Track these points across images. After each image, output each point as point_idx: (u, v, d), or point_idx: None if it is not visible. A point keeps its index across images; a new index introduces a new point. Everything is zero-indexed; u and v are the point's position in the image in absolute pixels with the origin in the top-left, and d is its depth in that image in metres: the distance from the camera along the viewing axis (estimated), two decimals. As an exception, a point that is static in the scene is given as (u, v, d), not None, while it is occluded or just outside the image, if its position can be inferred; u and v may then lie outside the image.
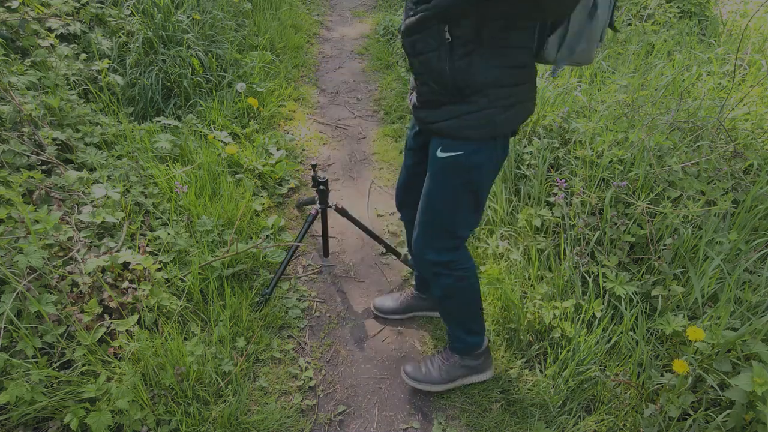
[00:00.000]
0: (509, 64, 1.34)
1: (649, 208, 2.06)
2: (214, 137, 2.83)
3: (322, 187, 2.17)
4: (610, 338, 1.87)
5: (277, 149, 3.05)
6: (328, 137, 3.49)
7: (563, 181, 2.21)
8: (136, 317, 1.77)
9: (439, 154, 1.47)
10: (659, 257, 1.97)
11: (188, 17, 3.29)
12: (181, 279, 2.03)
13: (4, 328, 1.50)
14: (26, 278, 1.63)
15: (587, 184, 2.25)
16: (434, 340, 2.09)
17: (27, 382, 1.48)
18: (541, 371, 1.89)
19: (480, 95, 1.35)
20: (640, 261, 2.08)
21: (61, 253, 1.83)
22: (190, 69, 3.17)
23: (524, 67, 1.38)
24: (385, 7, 5.63)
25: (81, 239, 1.91)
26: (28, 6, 2.76)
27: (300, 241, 2.22)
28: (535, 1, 1.11)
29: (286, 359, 1.97)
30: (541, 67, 2.84)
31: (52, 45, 2.71)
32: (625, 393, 1.77)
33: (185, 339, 1.88)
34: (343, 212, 2.31)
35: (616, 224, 2.07)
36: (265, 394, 1.84)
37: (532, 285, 2.11)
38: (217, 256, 2.13)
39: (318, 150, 3.34)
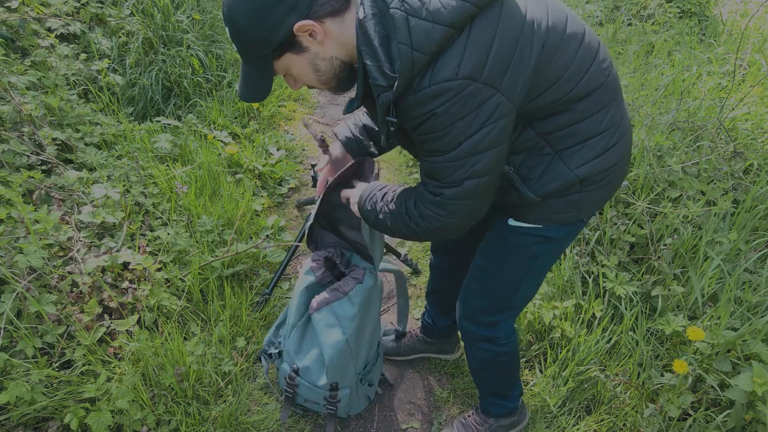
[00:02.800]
0: (590, 157, 1.13)
1: (649, 208, 2.06)
2: (214, 137, 2.83)
3: (322, 187, 2.16)
4: (610, 338, 1.87)
5: (277, 149, 3.05)
6: (328, 137, 3.48)
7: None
8: (136, 317, 1.77)
9: (511, 223, 1.26)
10: (659, 257, 1.97)
11: (188, 17, 3.29)
12: (181, 279, 2.03)
13: (4, 328, 1.50)
14: (26, 278, 1.63)
15: (587, 184, 2.25)
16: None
17: (27, 382, 1.48)
18: (541, 371, 1.89)
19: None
20: (640, 261, 2.08)
21: (61, 253, 1.83)
22: (190, 69, 3.17)
23: (611, 146, 1.14)
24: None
25: (81, 239, 1.91)
26: (28, 6, 2.75)
27: (300, 241, 2.22)
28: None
29: (286, 359, 1.97)
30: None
31: (52, 45, 2.71)
32: (625, 393, 1.77)
33: (185, 339, 1.88)
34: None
35: (616, 224, 2.07)
36: (265, 394, 1.83)
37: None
38: (217, 256, 2.13)
39: (318, 150, 3.34)
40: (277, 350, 1.68)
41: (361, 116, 1.48)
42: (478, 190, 1.04)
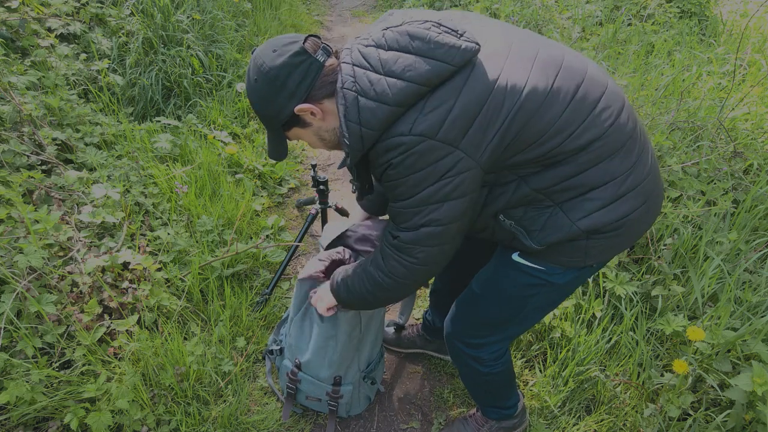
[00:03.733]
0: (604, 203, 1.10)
1: (649, 208, 2.06)
2: (214, 137, 2.83)
3: (322, 187, 2.17)
4: (610, 338, 1.87)
5: (277, 149, 3.04)
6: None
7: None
8: (136, 317, 1.77)
9: (515, 258, 1.23)
10: (659, 257, 1.97)
11: (188, 17, 3.29)
12: (181, 279, 2.03)
13: (4, 328, 1.50)
14: (26, 278, 1.63)
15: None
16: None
17: (27, 382, 1.48)
18: (541, 371, 1.89)
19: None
20: (640, 261, 2.08)
21: (61, 253, 1.83)
22: (190, 69, 3.17)
23: (622, 195, 1.10)
24: (385, 7, 5.63)
25: (81, 239, 1.91)
26: (28, 6, 2.75)
27: (300, 241, 2.22)
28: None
29: (286, 359, 1.97)
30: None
31: (52, 45, 2.71)
32: (625, 393, 1.77)
33: (185, 339, 1.88)
34: (343, 212, 2.31)
35: (616, 224, 2.07)
36: (265, 394, 1.83)
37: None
38: (217, 256, 2.13)
39: (318, 150, 3.34)
40: (278, 347, 1.68)
41: None
42: (435, 238, 1.09)
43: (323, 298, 1.40)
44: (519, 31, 1.13)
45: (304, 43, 1.05)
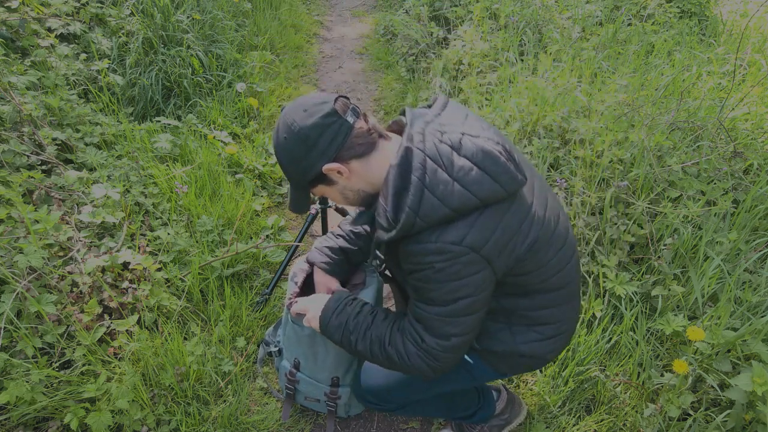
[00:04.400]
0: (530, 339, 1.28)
1: (649, 208, 2.06)
2: (214, 137, 2.82)
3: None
4: (610, 338, 1.87)
5: (277, 149, 3.05)
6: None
7: (563, 180, 2.21)
8: (136, 317, 1.77)
9: None
10: (659, 257, 1.97)
11: (188, 17, 3.29)
12: (181, 279, 2.03)
13: (4, 328, 1.50)
14: (26, 278, 1.63)
15: (587, 183, 2.25)
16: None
17: (27, 382, 1.48)
18: (541, 371, 1.89)
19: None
20: (640, 261, 2.08)
21: (61, 253, 1.83)
22: (190, 69, 3.17)
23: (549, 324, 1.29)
24: (385, 7, 5.62)
25: (81, 239, 1.91)
26: (28, 6, 2.75)
27: (300, 241, 2.22)
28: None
29: (286, 359, 1.97)
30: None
31: (52, 45, 2.71)
32: (625, 393, 1.77)
33: (185, 339, 1.88)
34: (342, 212, 2.31)
35: (616, 224, 2.07)
36: (265, 394, 1.83)
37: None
38: (217, 256, 2.13)
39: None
40: (277, 348, 1.68)
41: (335, 238, 1.58)
42: (462, 346, 1.16)
43: (308, 320, 1.36)
44: (531, 167, 1.27)
45: (334, 104, 1.08)
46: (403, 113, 1.19)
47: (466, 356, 1.34)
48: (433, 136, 1.08)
